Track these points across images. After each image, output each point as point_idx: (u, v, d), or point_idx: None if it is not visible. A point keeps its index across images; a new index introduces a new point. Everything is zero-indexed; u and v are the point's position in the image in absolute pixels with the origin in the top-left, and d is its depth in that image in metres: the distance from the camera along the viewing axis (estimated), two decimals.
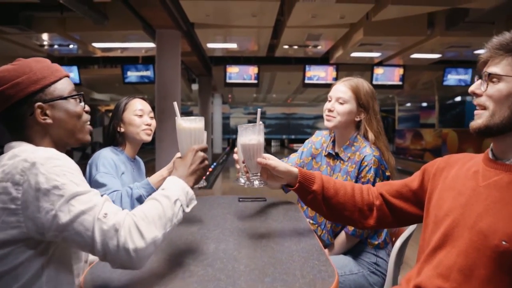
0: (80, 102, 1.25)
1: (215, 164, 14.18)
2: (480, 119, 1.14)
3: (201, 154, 1.30)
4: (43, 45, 9.03)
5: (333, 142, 2.05)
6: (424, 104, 21.10)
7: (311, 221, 1.97)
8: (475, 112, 1.17)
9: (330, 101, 1.96)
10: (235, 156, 1.59)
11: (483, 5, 6.11)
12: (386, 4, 6.02)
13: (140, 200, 1.72)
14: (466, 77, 10.83)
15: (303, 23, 7.18)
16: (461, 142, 12.89)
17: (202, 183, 1.38)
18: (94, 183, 1.84)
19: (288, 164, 1.42)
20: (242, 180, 1.56)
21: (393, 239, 2.01)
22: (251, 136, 1.39)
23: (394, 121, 22.26)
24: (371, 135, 1.88)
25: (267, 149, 24.74)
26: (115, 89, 15.44)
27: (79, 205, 1.00)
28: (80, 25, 7.67)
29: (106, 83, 13.97)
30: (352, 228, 1.81)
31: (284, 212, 1.91)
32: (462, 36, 7.74)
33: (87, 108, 1.28)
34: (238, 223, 1.71)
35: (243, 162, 1.46)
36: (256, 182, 1.43)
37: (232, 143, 27.22)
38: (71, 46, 9.04)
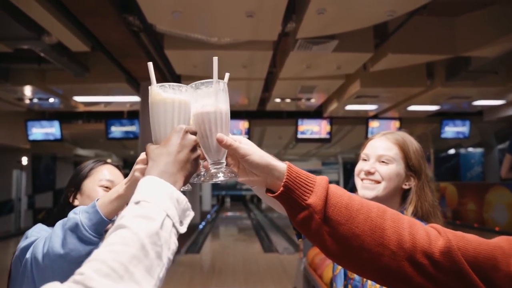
0: None
1: (204, 223, 13.42)
2: None
3: (192, 137, 0.83)
4: (22, 99, 8.58)
5: None
6: None
7: None
8: None
9: (365, 160, 1.42)
10: None
11: (486, 53, 5.81)
12: (386, 53, 5.70)
13: (76, 231, 1.03)
14: (464, 129, 10.50)
15: (297, 75, 6.83)
16: (460, 196, 12.37)
17: (187, 186, 0.86)
18: (21, 252, 1.18)
19: (272, 156, 0.87)
20: (201, 171, 0.94)
21: None
22: (204, 100, 0.88)
23: None
24: (423, 210, 1.32)
25: (257, 205, 23.99)
26: (100, 144, 14.93)
27: None
28: (60, 77, 7.30)
29: (90, 138, 13.48)
30: None
31: None
32: (464, 87, 7.44)
33: None
34: None
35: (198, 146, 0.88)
36: (220, 175, 0.88)
37: (222, 200, 26.44)
38: (51, 100, 8.59)
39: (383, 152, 1.39)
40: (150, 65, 0.88)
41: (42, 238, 1.15)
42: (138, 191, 0.71)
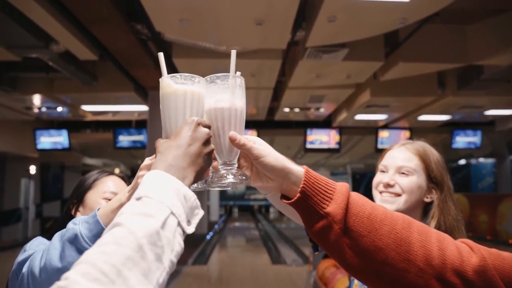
0: None
1: (211, 233, 13.31)
2: None
3: (205, 130, 0.75)
4: (30, 108, 8.60)
5: None
6: None
7: None
8: None
9: (384, 172, 1.33)
10: None
11: (499, 62, 5.69)
12: (396, 62, 5.62)
13: (76, 242, 0.96)
14: (475, 139, 10.32)
15: (306, 84, 6.76)
16: (472, 208, 12.16)
17: (201, 184, 0.80)
18: (18, 266, 1.10)
19: (288, 159, 0.79)
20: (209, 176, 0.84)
21: None
22: (219, 95, 0.81)
23: None
24: (446, 224, 1.23)
25: (265, 216, 23.82)
26: (108, 154, 14.94)
27: None
28: (68, 86, 7.29)
29: (98, 147, 13.51)
30: None
31: None
32: (475, 96, 7.31)
33: None
34: None
35: None
36: (230, 177, 0.78)
37: (229, 210, 26.32)
38: (59, 109, 8.60)
39: (403, 163, 1.30)
40: (161, 55, 0.81)
41: (39, 251, 1.08)
42: (141, 187, 0.63)
